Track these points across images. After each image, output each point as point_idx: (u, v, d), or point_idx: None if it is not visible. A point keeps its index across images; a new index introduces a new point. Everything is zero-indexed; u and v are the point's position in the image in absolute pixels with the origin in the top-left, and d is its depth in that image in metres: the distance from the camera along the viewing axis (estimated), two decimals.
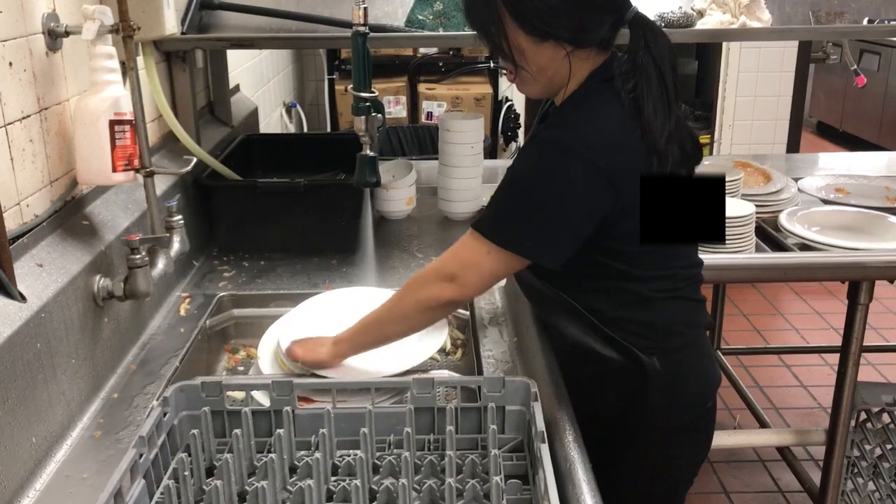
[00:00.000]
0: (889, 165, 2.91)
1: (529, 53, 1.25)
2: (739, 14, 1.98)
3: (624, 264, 1.29)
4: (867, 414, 2.18)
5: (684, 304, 1.36)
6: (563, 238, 1.24)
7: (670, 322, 1.34)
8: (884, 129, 6.32)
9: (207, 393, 1.15)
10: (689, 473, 1.47)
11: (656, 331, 1.32)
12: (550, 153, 1.23)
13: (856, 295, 2.03)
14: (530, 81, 1.30)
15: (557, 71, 1.27)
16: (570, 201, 1.22)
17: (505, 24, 1.24)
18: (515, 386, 1.17)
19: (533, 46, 1.24)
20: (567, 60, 1.26)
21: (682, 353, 1.35)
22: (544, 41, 1.23)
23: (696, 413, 1.41)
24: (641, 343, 1.31)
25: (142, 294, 1.39)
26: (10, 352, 1.08)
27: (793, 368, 3.58)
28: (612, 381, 1.34)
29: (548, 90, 1.33)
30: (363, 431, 1.11)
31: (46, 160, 1.32)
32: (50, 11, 1.32)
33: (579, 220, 1.24)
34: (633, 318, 1.32)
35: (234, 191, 1.97)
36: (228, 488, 1.04)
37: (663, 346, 1.32)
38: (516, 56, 1.26)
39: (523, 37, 1.24)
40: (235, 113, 2.44)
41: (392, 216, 2.23)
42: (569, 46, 1.24)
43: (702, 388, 1.41)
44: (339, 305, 1.60)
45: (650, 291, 1.31)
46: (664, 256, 1.32)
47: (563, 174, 1.21)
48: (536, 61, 1.26)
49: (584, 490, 1.05)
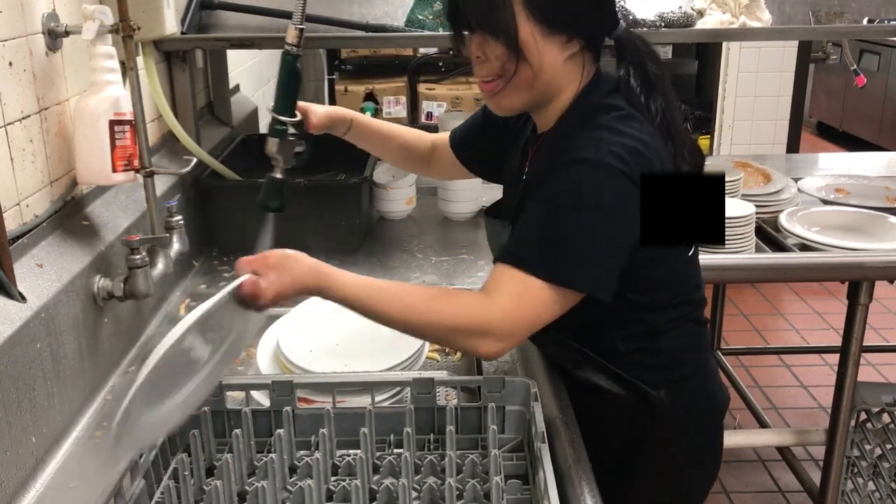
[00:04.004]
0: (889, 165, 2.91)
1: (532, 48, 1.12)
2: (739, 14, 1.98)
3: (641, 294, 1.21)
4: (867, 414, 2.18)
5: (693, 330, 1.30)
6: (611, 263, 1.11)
7: (679, 350, 1.28)
8: (884, 129, 6.32)
9: None
10: (700, 496, 1.44)
11: (665, 361, 1.27)
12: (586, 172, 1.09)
13: (856, 295, 2.03)
14: (518, 88, 1.16)
15: (552, 77, 1.16)
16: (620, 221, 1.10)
17: (514, 8, 1.11)
18: (515, 386, 1.17)
19: (539, 39, 1.11)
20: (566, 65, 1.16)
21: (690, 381, 1.31)
22: (553, 34, 1.12)
23: (705, 437, 1.38)
24: (649, 377, 1.26)
25: (141, 294, 1.39)
26: (10, 352, 1.08)
27: (793, 368, 3.58)
28: (620, 416, 1.29)
29: (531, 102, 1.20)
30: (363, 431, 1.11)
31: (46, 160, 1.32)
32: (50, 11, 1.32)
33: (626, 242, 1.12)
34: (643, 351, 1.26)
35: (234, 191, 1.97)
36: (228, 488, 1.04)
37: (671, 376, 1.28)
38: (514, 50, 1.12)
39: (533, 25, 1.11)
40: (235, 113, 2.44)
41: (392, 216, 2.23)
42: (577, 45, 1.15)
43: (711, 412, 1.37)
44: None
45: (665, 321, 1.25)
46: (682, 282, 1.27)
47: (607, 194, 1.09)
48: (536, 60, 1.13)
49: (585, 490, 1.05)
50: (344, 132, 1.54)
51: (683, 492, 1.39)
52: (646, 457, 1.31)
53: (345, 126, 1.53)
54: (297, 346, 1.45)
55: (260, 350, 1.50)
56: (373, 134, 1.56)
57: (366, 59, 4.17)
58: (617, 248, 1.11)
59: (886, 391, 2.17)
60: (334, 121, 1.50)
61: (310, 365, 1.40)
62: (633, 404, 1.27)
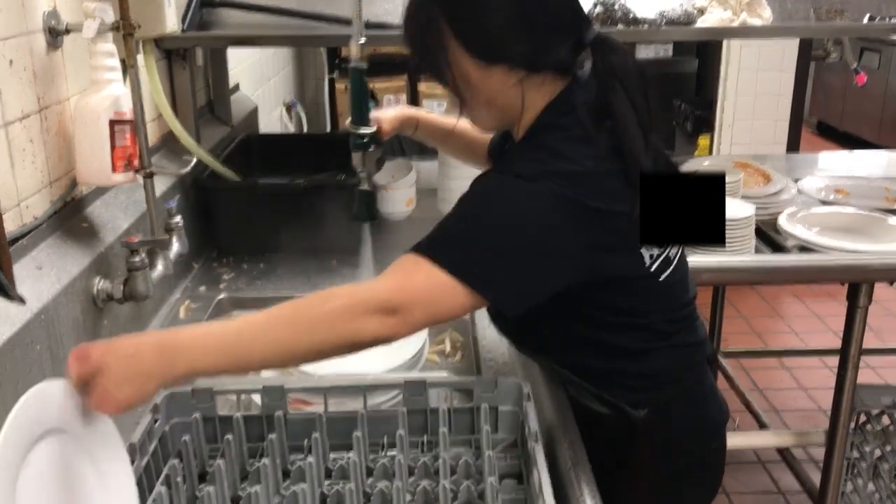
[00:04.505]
0: (889, 165, 2.91)
1: (476, 80, 1.13)
2: (740, 11, 1.97)
3: (600, 310, 1.17)
4: (867, 416, 2.19)
5: (674, 353, 1.24)
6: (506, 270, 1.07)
7: (664, 371, 1.23)
8: (884, 128, 6.32)
9: (198, 399, 1.14)
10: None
11: (647, 383, 1.22)
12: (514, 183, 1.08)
13: (855, 297, 2.03)
14: (480, 114, 1.19)
15: (509, 101, 1.14)
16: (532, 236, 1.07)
17: (448, 48, 1.12)
18: (508, 386, 1.17)
19: (480, 72, 1.12)
20: (519, 88, 1.13)
21: (676, 401, 1.26)
22: (493, 65, 1.11)
23: (700, 455, 1.34)
24: (631, 397, 1.21)
25: (141, 296, 1.39)
26: (9, 354, 1.08)
27: (792, 371, 3.58)
28: (600, 432, 1.23)
29: (500, 122, 1.21)
30: (356, 434, 1.11)
31: (46, 160, 1.32)
32: (50, 9, 1.31)
33: (534, 259, 1.07)
34: (620, 372, 1.22)
35: (234, 191, 1.97)
36: (221, 494, 1.04)
37: (657, 396, 1.23)
38: (461, 85, 1.14)
39: (469, 61, 1.11)
40: (235, 112, 2.44)
41: (392, 217, 2.22)
42: (521, 72, 1.12)
43: (704, 431, 1.33)
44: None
45: (633, 343, 1.20)
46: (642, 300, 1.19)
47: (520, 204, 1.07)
48: (484, 90, 1.13)
49: (585, 491, 1.05)
50: (412, 131, 1.62)
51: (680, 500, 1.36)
52: (632, 476, 1.28)
53: (412, 126, 1.61)
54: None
55: None
56: (437, 131, 1.63)
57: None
58: (519, 261, 1.07)
59: (886, 393, 2.17)
60: (403, 123, 1.59)
61: (309, 366, 1.39)
62: (615, 424, 1.23)
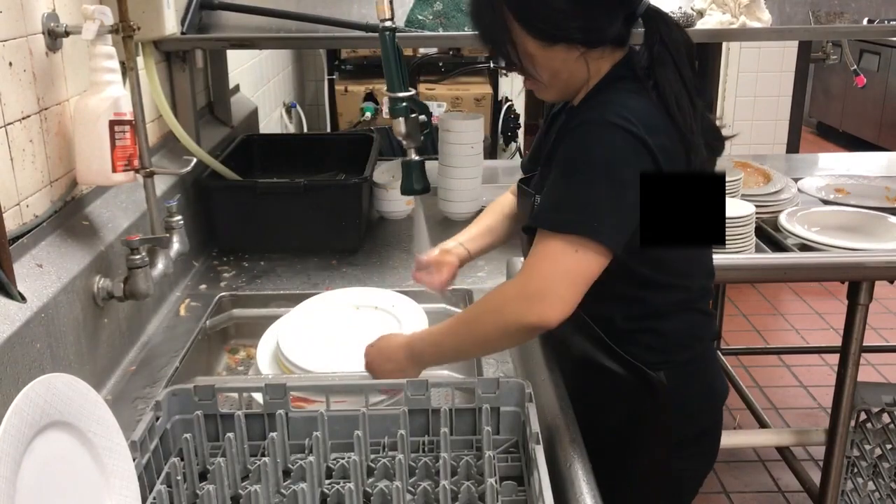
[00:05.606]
0: (889, 165, 2.91)
1: (540, 59, 1.21)
2: (739, 14, 1.98)
3: (648, 268, 1.25)
4: (867, 414, 2.18)
5: (696, 317, 1.33)
6: (615, 211, 1.15)
7: (681, 335, 1.31)
8: (884, 129, 6.32)
9: (200, 397, 1.14)
10: (694, 485, 1.45)
11: (666, 344, 1.29)
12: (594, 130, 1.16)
13: (856, 295, 2.03)
14: (545, 87, 1.26)
15: (573, 73, 1.23)
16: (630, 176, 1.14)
17: (512, 31, 1.20)
18: (510, 386, 1.17)
19: (543, 51, 1.20)
20: (582, 60, 1.22)
21: (690, 366, 1.33)
22: (554, 44, 1.19)
23: (703, 426, 1.39)
24: (649, 358, 1.28)
25: (141, 294, 1.39)
26: (9, 352, 1.08)
27: (792, 368, 3.58)
28: (619, 396, 1.30)
29: (565, 93, 1.29)
30: (357, 434, 1.11)
31: (46, 160, 1.32)
32: (50, 11, 1.32)
33: (632, 194, 1.15)
34: (644, 331, 1.28)
35: (234, 191, 1.97)
36: (222, 492, 1.04)
37: (672, 359, 1.29)
38: (526, 63, 1.22)
39: (532, 42, 1.19)
40: (235, 113, 2.45)
41: (392, 216, 2.23)
42: (581, 48, 1.20)
43: (709, 400, 1.39)
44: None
45: (666, 303, 1.28)
46: (688, 264, 1.29)
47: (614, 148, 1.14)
48: (548, 66, 1.22)
49: (585, 491, 1.05)
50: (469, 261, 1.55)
51: (678, 477, 1.39)
52: (643, 438, 1.32)
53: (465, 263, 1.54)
54: (296, 346, 1.45)
55: (260, 350, 1.50)
56: (484, 242, 1.58)
57: (366, 60, 4.16)
58: (620, 198, 1.15)
59: (886, 391, 2.17)
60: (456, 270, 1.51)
61: (310, 365, 1.40)
62: (631, 384, 1.28)
